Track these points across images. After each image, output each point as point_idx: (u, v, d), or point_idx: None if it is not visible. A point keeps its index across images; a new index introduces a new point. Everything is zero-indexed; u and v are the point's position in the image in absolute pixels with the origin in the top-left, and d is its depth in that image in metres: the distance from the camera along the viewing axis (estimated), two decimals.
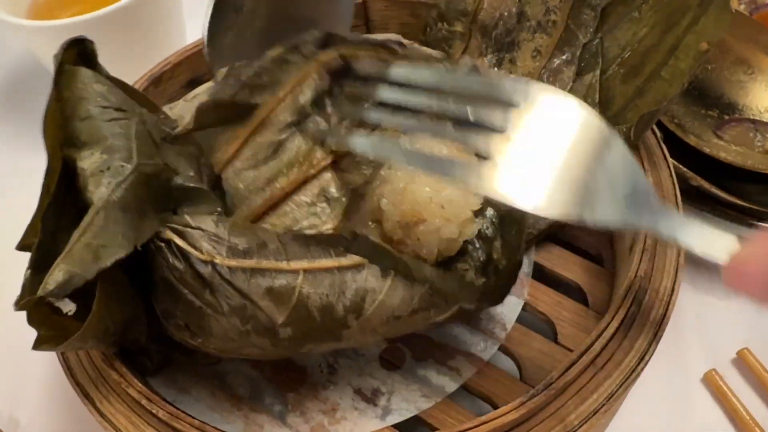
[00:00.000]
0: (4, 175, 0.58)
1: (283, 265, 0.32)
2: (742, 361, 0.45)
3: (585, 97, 0.42)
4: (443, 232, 0.38)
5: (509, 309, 0.42)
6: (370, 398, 0.39)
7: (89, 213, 0.31)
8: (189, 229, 0.32)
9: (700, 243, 0.27)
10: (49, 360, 0.47)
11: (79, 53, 0.35)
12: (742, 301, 0.48)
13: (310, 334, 0.34)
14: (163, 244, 0.32)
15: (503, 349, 0.41)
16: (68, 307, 0.33)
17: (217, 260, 0.32)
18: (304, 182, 0.36)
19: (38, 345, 0.32)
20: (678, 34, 0.40)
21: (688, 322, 0.47)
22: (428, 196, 0.38)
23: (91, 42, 0.36)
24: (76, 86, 0.34)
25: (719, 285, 0.48)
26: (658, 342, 0.34)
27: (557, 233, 0.45)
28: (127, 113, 0.34)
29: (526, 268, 0.43)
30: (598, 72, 0.42)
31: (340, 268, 0.33)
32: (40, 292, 0.29)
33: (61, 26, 0.56)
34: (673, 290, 0.36)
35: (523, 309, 0.42)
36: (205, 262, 0.32)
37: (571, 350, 0.40)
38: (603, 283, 0.42)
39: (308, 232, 0.35)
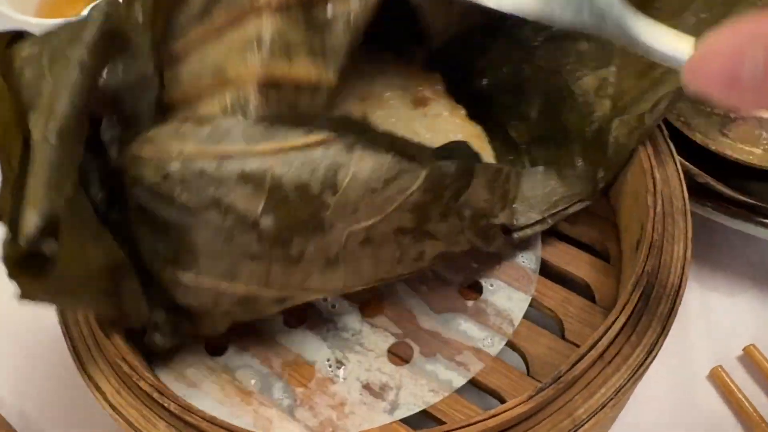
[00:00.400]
0: None
1: (250, 148, 0.31)
2: (749, 358, 0.45)
3: (598, 89, 0.42)
4: None
5: (516, 305, 0.42)
6: (379, 393, 0.39)
7: (33, 152, 0.30)
8: (152, 135, 0.32)
9: (661, 44, 0.27)
10: (57, 353, 0.47)
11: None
12: (748, 298, 0.48)
13: (293, 222, 0.33)
14: (131, 163, 0.33)
15: (510, 345, 0.41)
16: None
17: (185, 153, 0.31)
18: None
19: (23, 296, 0.30)
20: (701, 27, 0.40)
21: (694, 319, 0.47)
22: None
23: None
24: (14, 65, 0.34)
25: (725, 281, 0.49)
26: (665, 336, 0.34)
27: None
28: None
29: (533, 264, 0.44)
30: (613, 68, 0.42)
31: (308, 145, 0.32)
32: (22, 242, 0.28)
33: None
34: (680, 286, 0.36)
35: (531, 305, 0.42)
36: (173, 160, 0.31)
37: (578, 346, 0.40)
38: (610, 279, 0.43)
39: None
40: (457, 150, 0.37)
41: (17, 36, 0.37)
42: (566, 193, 0.43)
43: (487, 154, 0.43)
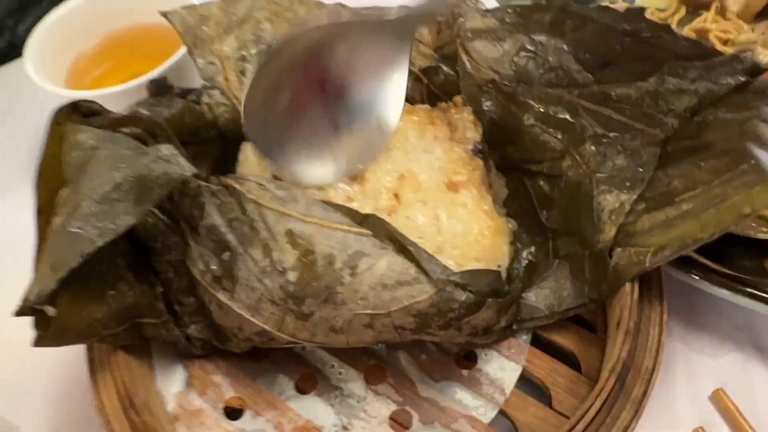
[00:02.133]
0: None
1: (306, 217, 0.39)
2: (729, 416, 0.48)
3: (612, 212, 0.44)
4: None
5: (508, 375, 0.46)
6: None
7: (51, 230, 0.38)
8: (243, 180, 0.40)
9: None
10: (51, 373, 0.53)
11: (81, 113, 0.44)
12: (732, 360, 0.51)
13: (311, 284, 0.39)
14: (220, 188, 0.39)
15: (502, 413, 0.44)
16: None
17: (261, 201, 0.39)
18: None
19: (37, 342, 0.39)
20: (728, 189, 0.40)
21: (678, 380, 0.50)
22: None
23: (87, 102, 0.44)
24: (66, 141, 0.42)
25: (710, 343, 0.52)
26: (639, 418, 0.38)
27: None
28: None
29: (525, 335, 0.47)
30: (634, 196, 0.44)
31: (348, 231, 0.39)
32: (24, 302, 0.37)
33: (94, 95, 0.61)
34: (653, 368, 0.39)
35: (522, 374, 0.46)
36: (253, 201, 0.39)
37: (564, 415, 0.43)
38: (595, 350, 0.46)
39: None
40: (476, 280, 0.40)
41: (74, 107, 0.45)
42: (574, 293, 0.45)
43: (503, 252, 0.46)
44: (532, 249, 0.49)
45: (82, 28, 0.69)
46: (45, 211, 0.43)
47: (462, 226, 0.44)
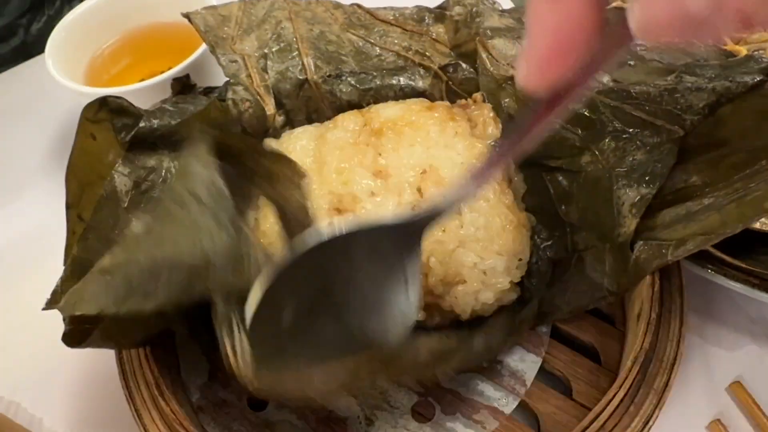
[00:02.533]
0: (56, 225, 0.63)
1: None
2: (746, 409, 0.49)
3: (632, 206, 0.44)
4: (480, 296, 0.44)
5: (529, 366, 0.46)
6: None
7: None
8: None
9: None
10: (110, 394, 0.52)
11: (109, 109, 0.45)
12: (747, 352, 0.52)
13: None
14: None
15: (523, 404, 0.45)
16: None
17: None
18: None
19: (65, 339, 0.40)
20: (749, 184, 0.41)
21: (695, 373, 0.51)
22: (473, 262, 0.44)
23: (115, 98, 0.45)
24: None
25: (726, 336, 0.52)
26: (662, 407, 0.38)
27: None
28: None
29: (544, 327, 0.48)
30: (654, 191, 0.44)
31: None
32: (52, 297, 0.39)
33: (114, 92, 0.62)
34: (675, 359, 0.40)
35: (541, 366, 0.46)
36: None
37: (585, 406, 0.44)
38: (614, 342, 0.47)
39: None
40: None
41: (103, 102, 0.46)
42: (593, 288, 0.46)
43: (524, 246, 0.47)
44: (551, 243, 0.50)
45: (100, 26, 0.70)
46: (75, 205, 0.44)
47: (484, 220, 0.45)
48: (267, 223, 0.46)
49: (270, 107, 0.54)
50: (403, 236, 0.36)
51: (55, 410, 0.53)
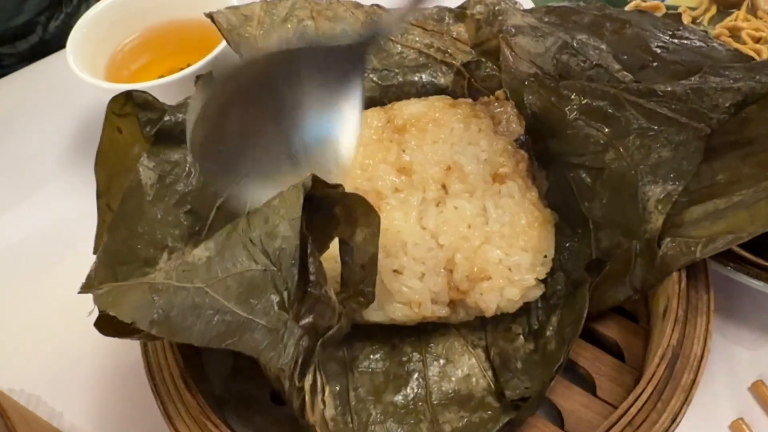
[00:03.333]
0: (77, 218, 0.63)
1: None
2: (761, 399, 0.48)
3: (659, 202, 0.44)
4: (505, 293, 0.44)
5: None
6: None
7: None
8: None
9: None
10: (136, 389, 0.52)
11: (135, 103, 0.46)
12: None
13: None
14: None
15: (547, 401, 0.45)
16: None
17: None
18: None
19: (98, 325, 0.37)
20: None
21: (718, 371, 0.51)
22: (498, 258, 0.44)
23: (140, 92, 0.46)
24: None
25: (749, 335, 0.52)
26: (689, 404, 0.38)
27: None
28: None
29: None
30: (680, 187, 0.44)
31: None
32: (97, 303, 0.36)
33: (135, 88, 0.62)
34: (702, 356, 0.40)
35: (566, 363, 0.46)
36: None
37: (609, 403, 0.44)
38: (638, 340, 0.47)
39: None
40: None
41: (128, 96, 0.47)
42: (619, 285, 0.46)
43: (549, 243, 0.47)
44: (575, 240, 0.50)
45: (120, 23, 0.71)
46: (104, 195, 0.45)
47: (509, 217, 0.45)
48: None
49: None
50: (346, 61, 0.38)
51: (75, 404, 0.53)
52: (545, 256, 0.46)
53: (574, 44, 0.52)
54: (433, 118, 0.50)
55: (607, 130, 0.48)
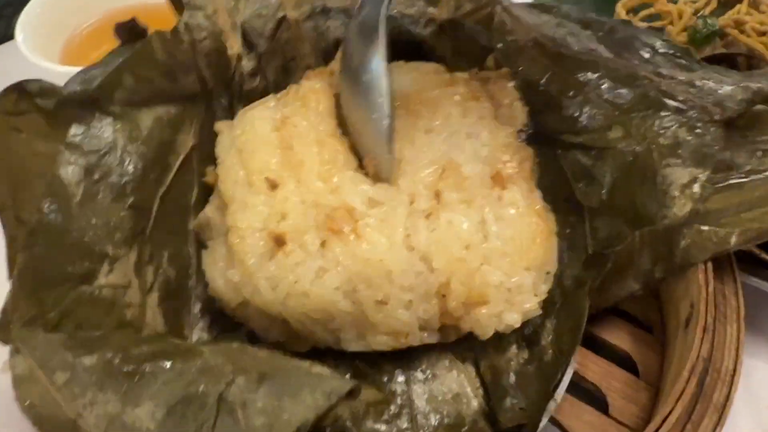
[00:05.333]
0: None
1: None
2: None
3: (685, 186, 0.40)
4: (504, 318, 0.38)
5: None
6: None
7: None
8: None
9: None
10: None
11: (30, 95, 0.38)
12: None
13: None
14: None
15: (553, 421, 0.40)
16: None
17: None
18: None
19: None
20: None
21: (739, 388, 0.46)
22: (499, 281, 0.38)
23: (33, 81, 0.38)
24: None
25: (766, 348, 0.47)
26: (723, 425, 0.33)
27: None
28: None
29: None
30: (708, 172, 0.40)
31: None
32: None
33: None
34: (735, 370, 0.35)
35: (572, 378, 0.41)
36: None
37: (624, 424, 0.39)
38: (653, 352, 0.41)
39: None
40: None
41: (21, 88, 0.38)
42: (621, 282, 0.41)
43: (553, 255, 0.42)
44: (567, 231, 0.44)
45: (77, 5, 0.64)
46: (8, 207, 0.37)
47: (511, 231, 0.40)
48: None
49: (234, 45, 0.46)
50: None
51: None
52: (548, 273, 0.41)
53: (568, 27, 0.48)
54: (427, 98, 0.44)
55: (614, 105, 0.43)
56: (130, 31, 0.43)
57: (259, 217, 0.40)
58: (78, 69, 0.55)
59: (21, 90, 0.38)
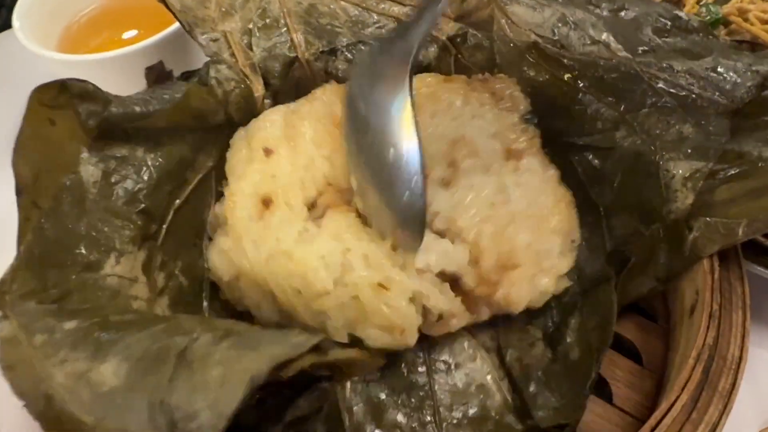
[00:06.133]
0: None
1: None
2: None
3: (687, 179, 0.40)
4: (537, 283, 0.38)
5: None
6: None
7: None
8: None
9: None
10: None
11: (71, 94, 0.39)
12: None
13: None
14: None
15: None
16: None
17: None
18: None
19: None
20: None
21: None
22: (526, 242, 0.38)
23: (78, 81, 0.39)
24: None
25: None
26: (728, 414, 0.33)
27: None
28: None
29: None
30: (710, 164, 0.39)
31: None
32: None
33: (87, 61, 0.56)
34: (740, 357, 0.34)
35: None
36: None
37: (627, 412, 0.38)
38: (657, 341, 0.41)
39: None
40: None
41: (64, 86, 0.40)
42: (639, 277, 0.41)
43: (576, 226, 0.41)
44: (585, 231, 0.44)
45: None
46: (27, 191, 0.38)
47: (533, 195, 0.39)
48: None
49: (259, 88, 0.48)
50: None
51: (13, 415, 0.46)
52: (572, 241, 0.40)
53: (572, 19, 0.47)
54: (427, 93, 0.44)
55: (619, 104, 0.43)
56: (158, 73, 0.49)
57: (251, 181, 0.41)
58: (76, 57, 0.56)
59: (63, 86, 0.39)
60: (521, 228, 0.38)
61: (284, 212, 0.39)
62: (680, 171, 0.40)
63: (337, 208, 0.39)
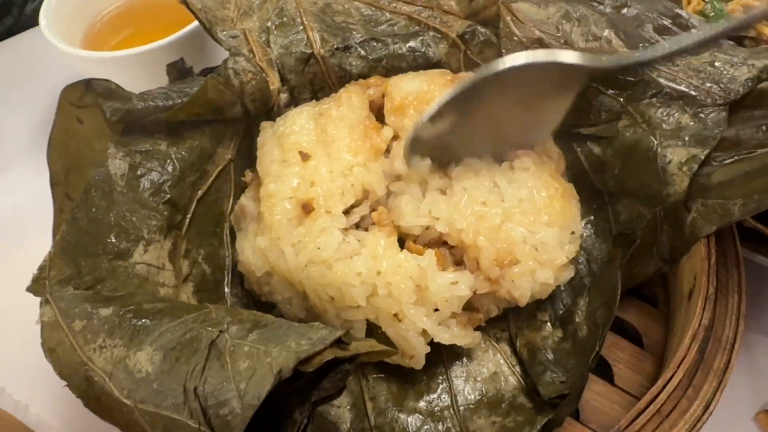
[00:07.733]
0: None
1: None
2: None
3: (683, 164, 0.41)
4: (537, 276, 0.40)
5: None
6: None
7: None
8: None
9: None
10: None
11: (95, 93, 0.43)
12: None
13: None
14: None
15: None
16: None
17: None
18: None
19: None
20: None
21: (740, 361, 0.47)
22: (522, 237, 0.40)
23: (101, 81, 0.43)
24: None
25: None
26: (722, 391, 0.35)
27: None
28: None
29: None
30: (707, 151, 0.41)
31: None
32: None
33: (111, 58, 0.58)
34: (735, 339, 0.36)
35: None
36: None
37: (628, 392, 0.40)
38: (658, 325, 0.43)
39: None
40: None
41: (88, 85, 0.43)
42: (645, 260, 0.42)
43: (575, 217, 0.43)
44: (591, 217, 0.46)
45: None
46: (60, 184, 0.42)
47: (526, 191, 0.41)
48: None
49: (275, 81, 0.50)
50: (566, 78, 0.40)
51: (41, 396, 0.49)
52: (572, 233, 0.42)
53: (575, 16, 0.49)
54: (435, 97, 0.46)
55: (622, 95, 0.45)
56: (179, 70, 0.50)
57: (290, 185, 0.43)
58: (100, 54, 0.58)
59: (88, 86, 0.43)
60: (516, 224, 0.40)
61: (325, 220, 0.41)
62: (676, 157, 0.42)
63: (383, 228, 0.41)
